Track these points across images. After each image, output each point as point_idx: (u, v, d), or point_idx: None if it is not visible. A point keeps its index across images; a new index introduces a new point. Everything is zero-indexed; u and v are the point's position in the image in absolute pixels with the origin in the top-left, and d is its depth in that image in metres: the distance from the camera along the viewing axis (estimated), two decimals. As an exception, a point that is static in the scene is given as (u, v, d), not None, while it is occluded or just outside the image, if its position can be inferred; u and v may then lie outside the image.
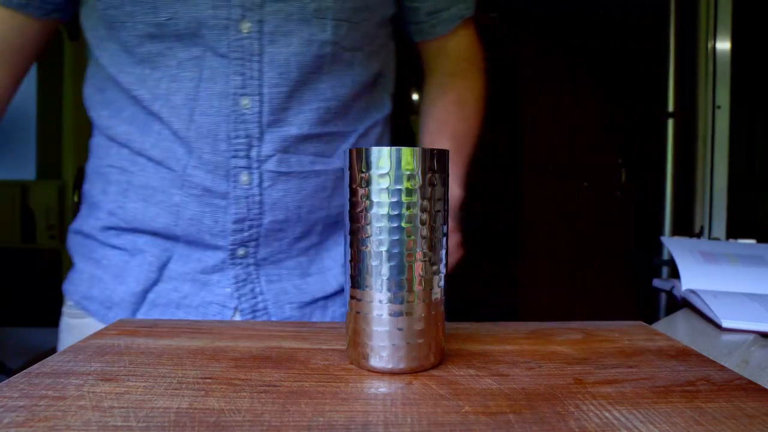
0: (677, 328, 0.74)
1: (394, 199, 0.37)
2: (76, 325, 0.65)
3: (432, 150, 0.37)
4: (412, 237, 0.37)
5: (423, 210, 0.37)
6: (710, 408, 0.33)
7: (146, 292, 0.62)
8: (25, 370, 0.37)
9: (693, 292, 0.81)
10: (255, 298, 0.63)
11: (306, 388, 0.35)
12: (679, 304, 0.87)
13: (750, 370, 0.57)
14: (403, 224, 0.37)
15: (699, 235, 1.62)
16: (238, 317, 0.63)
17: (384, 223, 0.37)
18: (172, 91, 0.58)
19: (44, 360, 0.39)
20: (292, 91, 0.60)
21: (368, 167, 0.37)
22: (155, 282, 0.62)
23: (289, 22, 0.58)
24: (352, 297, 0.39)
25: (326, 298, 0.67)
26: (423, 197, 0.37)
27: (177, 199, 0.60)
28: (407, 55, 0.78)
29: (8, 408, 0.31)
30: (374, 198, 0.37)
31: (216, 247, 0.61)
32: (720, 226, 1.61)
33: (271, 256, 0.63)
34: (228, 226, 0.60)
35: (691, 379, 0.38)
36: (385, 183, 0.37)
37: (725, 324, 0.70)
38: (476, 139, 0.74)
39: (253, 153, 0.59)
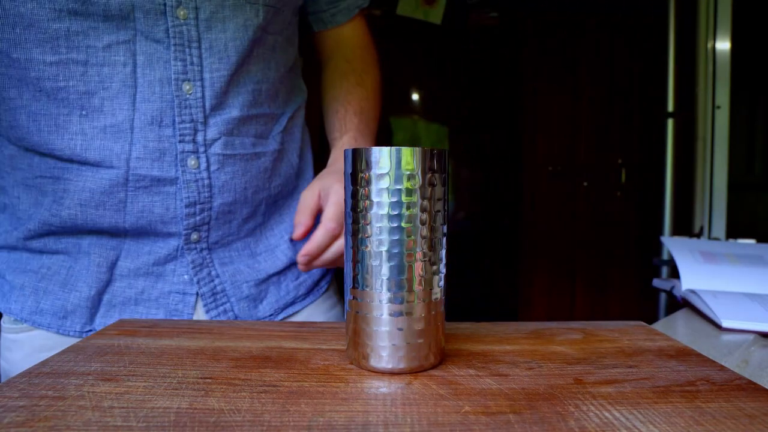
0: (677, 328, 0.74)
1: (394, 199, 0.37)
2: (23, 339, 0.62)
3: (432, 150, 0.37)
4: (412, 237, 0.37)
5: (423, 210, 0.37)
6: (710, 408, 0.33)
7: (101, 294, 0.61)
8: (25, 370, 0.37)
9: (693, 292, 0.81)
10: (212, 281, 0.64)
11: (306, 388, 0.35)
12: (679, 304, 0.87)
13: (750, 370, 0.57)
14: (403, 224, 0.37)
15: (699, 235, 1.63)
16: (200, 303, 0.64)
17: (384, 223, 0.37)
18: (105, 77, 0.56)
19: (44, 360, 0.39)
20: (232, 75, 0.61)
21: (368, 167, 0.37)
22: (108, 282, 0.62)
23: (224, 9, 0.59)
24: (352, 297, 0.39)
25: (278, 273, 0.70)
26: (423, 197, 0.37)
27: (122, 195, 0.59)
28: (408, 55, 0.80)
29: (8, 408, 0.31)
30: (374, 198, 0.37)
31: (168, 235, 0.61)
32: (720, 226, 1.61)
33: (221, 239, 0.65)
34: (180, 211, 0.60)
35: (691, 379, 0.38)
36: (385, 183, 0.37)
37: (725, 324, 0.70)
38: (378, 115, 0.76)
39: (199, 137, 0.60)
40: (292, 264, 0.71)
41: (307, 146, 0.77)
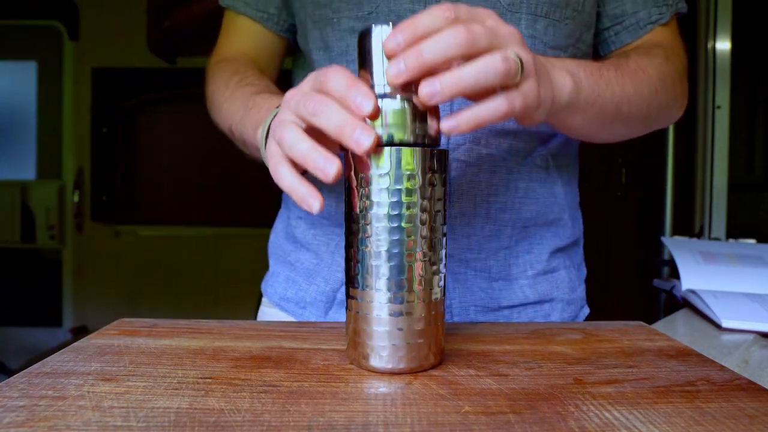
0: (677, 328, 0.74)
1: (394, 199, 0.37)
2: (276, 314, 0.70)
3: (432, 150, 0.37)
4: (412, 237, 0.37)
5: (423, 210, 0.37)
6: (710, 408, 0.33)
7: (335, 292, 0.64)
8: (25, 370, 0.37)
9: (693, 292, 0.81)
10: None
11: (306, 388, 0.35)
12: (679, 304, 0.87)
13: (750, 370, 0.57)
14: (403, 224, 0.37)
15: (699, 235, 1.63)
16: None
17: (384, 223, 0.37)
18: None
19: (44, 360, 0.39)
20: None
21: (368, 167, 0.37)
22: (342, 283, 0.63)
23: None
24: (351, 297, 0.39)
25: (510, 308, 0.63)
26: (423, 197, 0.37)
27: None
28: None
29: (8, 408, 0.31)
30: (374, 198, 0.37)
31: None
32: (720, 226, 1.61)
33: (458, 253, 0.61)
34: None
35: (691, 379, 0.38)
36: (385, 183, 0.37)
37: (725, 324, 0.70)
38: (631, 93, 0.55)
39: (443, 139, 0.57)
40: (528, 304, 0.64)
41: (574, 181, 0.69)
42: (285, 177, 0.39)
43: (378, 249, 0.37)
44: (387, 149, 0.37)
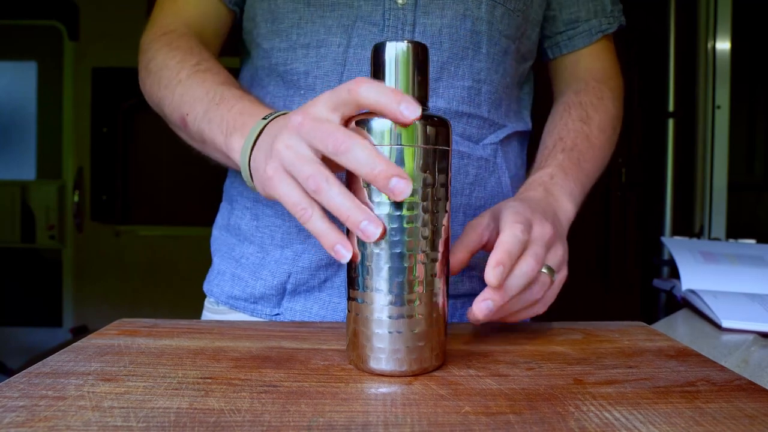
0: (677, 328, 0.74)
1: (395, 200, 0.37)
2: (221, 315, 0.67)
3: (434, 150, 0.37)
4: (413, 238, 0.37)
5: (424, 210, 0.37)
6: (710, 408, 0.33)
7: (284, 284, 0.63)
8: (25, 370, 0.37)
9: (693, 292, 0.81)
10: None
11: (306, 389, 0.35)
12: (679, 304, 0.87)
13: (750, 370, 0.57)
14: (404, 225, 0.37)
15: (699, 235, 1.63)
16: None
17: (384, 224, 0.37)
18: (320, 57, 0.59)
19: (44, 360, 0.39)
20: (444, 62, 0.59)
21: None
22: (292, 273, 0.62)
23: None
24: (351, 298, 0.39)
25: (456, 297, 0.63)
26: (424, 198, 0.37)
27: None
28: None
29: (8, 408, 0.31)
30: (374, 198, 0.37)
31: None
32: (720, 226, 1.61)
33: None
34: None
35: (691, 379, 0.38)
36: (385, 183, 0.37)
37: (725, 324, 0.70)
38: (601, 163, 0.66)
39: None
40: (474, 295, 0.64)
41: (521, 175, 0.70)
42: (316, 222, 0.39)
43: (378, 250, 0.37)
44: (387, 149, 0.36)
